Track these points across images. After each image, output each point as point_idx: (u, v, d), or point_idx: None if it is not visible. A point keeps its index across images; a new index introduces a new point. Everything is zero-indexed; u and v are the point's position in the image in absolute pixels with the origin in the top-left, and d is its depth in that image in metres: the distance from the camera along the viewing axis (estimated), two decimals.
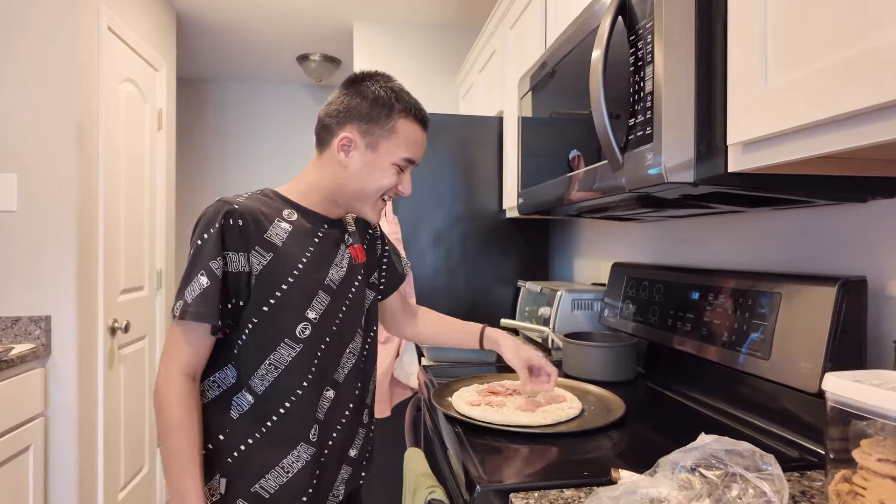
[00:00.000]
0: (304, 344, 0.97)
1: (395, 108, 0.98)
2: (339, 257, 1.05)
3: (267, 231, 0.95)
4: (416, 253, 2.07)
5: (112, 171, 2.21)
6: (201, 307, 0.88)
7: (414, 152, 1.01)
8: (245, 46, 3.55)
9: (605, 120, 0.96)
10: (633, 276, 1.53)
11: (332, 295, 1.01)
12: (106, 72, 2.14)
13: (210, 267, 0.89)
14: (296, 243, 0.98)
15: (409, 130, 1.00)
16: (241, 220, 0.92)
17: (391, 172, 1.00)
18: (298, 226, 1.00)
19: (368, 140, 0.98)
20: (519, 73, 1.90)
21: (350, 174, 1.00)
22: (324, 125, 1.01)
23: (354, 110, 0.98)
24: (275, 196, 1.02)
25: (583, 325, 1.68)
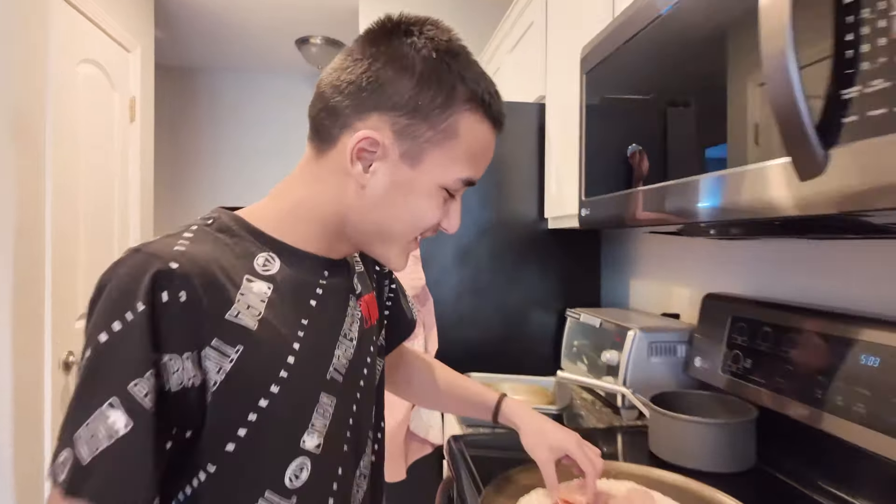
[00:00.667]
0: (301, 495, 0.56)
1: (456, 94, 0.57)
2: (347, 323, 0.65)
3: (233, 303, 0.53)
4: (435, 272, 1.66)
5: (66, 171, 1.81)
6: (116, 478, 0.46)
7: (477, 167, 0.61)
8: (238, 30, 3.15)
9: (796, 88, 0.55)
10: (742, 315, 1.11)
11: (339, 395, 0.61)
12: (58, 49, 1.74)
13: (131, 394, 0.46)
14: (281, 317, 0.57)
15: (478, 132, 0.59)
16: (184, 293, 0.49)
17: (436, 201, 0.60)
18: (283, 282, 0.59)
19: (408, 146, 0.57)
20: (569, 48, 1.48)
21: (369, 200, 0.59)
22: (328, 107, 0.59)
23: (388, 89, 0.56)
24: (239, 229, 0.59)
25: (664, 377, 1.27)
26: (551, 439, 0.80)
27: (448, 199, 0.61)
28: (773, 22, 0.56)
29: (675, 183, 0.85)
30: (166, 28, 3.13)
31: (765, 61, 0.57)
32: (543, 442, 0.80)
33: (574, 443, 0.79)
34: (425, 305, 1.60)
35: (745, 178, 0.68)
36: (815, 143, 0.55)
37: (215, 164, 3.87)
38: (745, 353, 1.08)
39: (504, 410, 0.87)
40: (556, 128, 1.58)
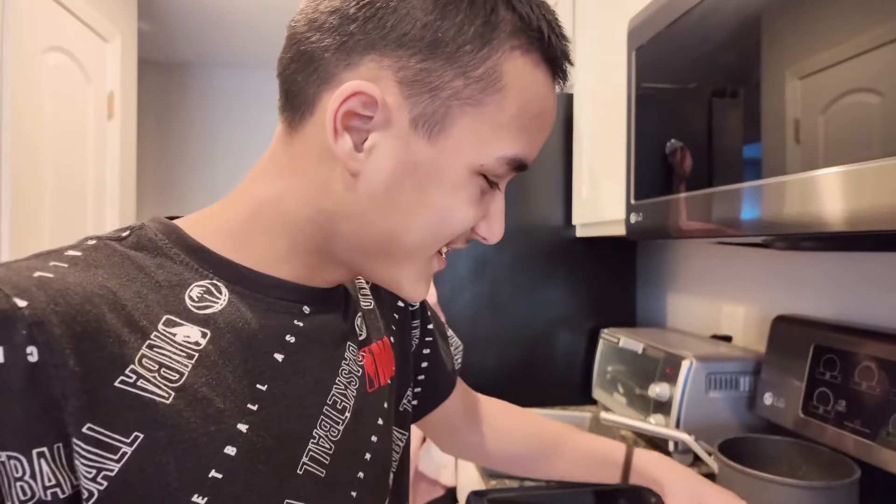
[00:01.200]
0: None
1: (499, 22, 0.37)
2: (339, 387, 0.44)
3: (129, 365, 0.34)
4: (451, 286, 1.46)
5: (27, 170, 1.61)
6: None
7: (533, 141, 0.41)
8: (230, 22, 2.96)
9: None
10: (831, 345, 0.91)
11: (318, 497, 0.40)
12: (16, 33, 1.54)
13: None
14: (221, 381, 0.37)
15: (532, 84, 0.39)
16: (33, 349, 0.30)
17: (469, 194, 0.40)
18: (231, 325, 0.39)
19: (425, 105, 0.37)
20: (605, 26, 1.28)
21: (365, 194, 0.39)
22: (302, 53, 0.39)
23: (391, 16, 0.36)
24: (170, 245, 0.40)
25: (724, 416, 1.07)
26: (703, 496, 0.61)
27: (487, 192, 0.42)
28: None
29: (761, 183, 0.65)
30: (153, 20, 2.93)
31: None
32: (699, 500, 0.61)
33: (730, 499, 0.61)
34: None
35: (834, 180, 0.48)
36: None
37: (207, 164, 3.66)
38: (838, 393, 0.87)
39: (638, 465, 0.67)
40: (589, 121, 1.38)
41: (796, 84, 0.61)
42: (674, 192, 0.87)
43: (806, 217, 0.59)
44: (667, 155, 0.91)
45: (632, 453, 0.67)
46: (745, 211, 0.70)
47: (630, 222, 0.99)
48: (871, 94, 0.52)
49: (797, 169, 0.60)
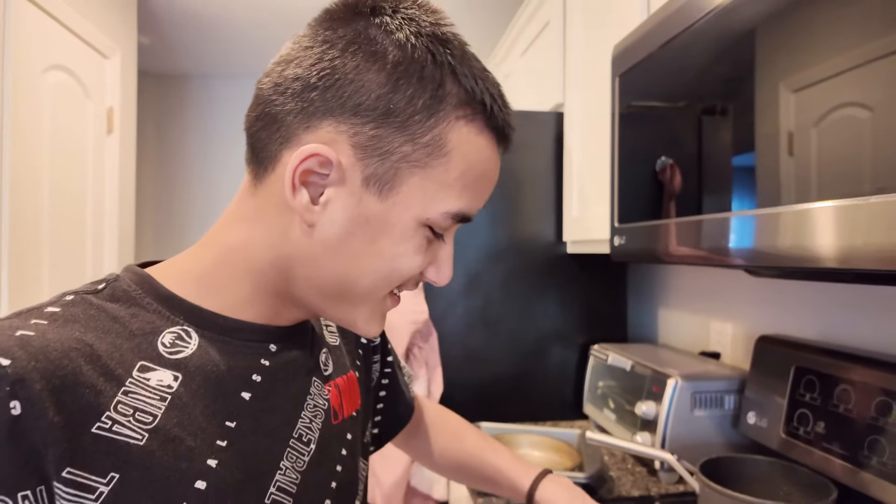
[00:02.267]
0: None
1: (446, 94, 0.41)
2: (305, 420, 0.46)
3: (105, 412, 0.36)
4: (442, 302, 1.47)
5: (26, 187, 1.63)
6: None
7: (475, 199, 0.44)
8: (229, 35, 2.99)
9: None
10: (811, 367, 0.92)
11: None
12: (18, 53, 1.56)
13: None
14: (191, 422, 0.39)
15: (475, 149, 0.43)
16: (16, 403, 0.33)
17: (417, 243, 0.43)
18: (201, 368, 0.41)
19: (376, 166, 0.41)
20: (593, 48, 1.30)
21: (321, 243, 0.42)
22: (267, 114, 0.42)
23: (347, 86, 0.40)
24: (143, 295, 0.42)
25: (709, 435, 1.08)
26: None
27: (433, 241, 0.44)
28: None
29: (752, 214, 0.66)
30: (152, 33, 2.97)
31: None
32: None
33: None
34: (428, 341, 1.41)
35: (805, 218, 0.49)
36: None
37: (207, 178, 3.69)
38: (817, 415, 0.89)
39: (541, 495, 0.69)
40: (578, 140, 1.40)
41: (790, 98, 0.62)
42: (659, 217, 0.89)
43: (797, 251, 0.59)
44: (657, 172, 0.93)
45: (540, 481, 0.69)
46: (733, 240, 0.71)
47: (614, 245, 1.01)
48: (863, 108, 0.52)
49: (791, 200, 0.60)
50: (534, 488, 0.69)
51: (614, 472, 1.14)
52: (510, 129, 0.45)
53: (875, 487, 0.76)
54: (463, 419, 0.79)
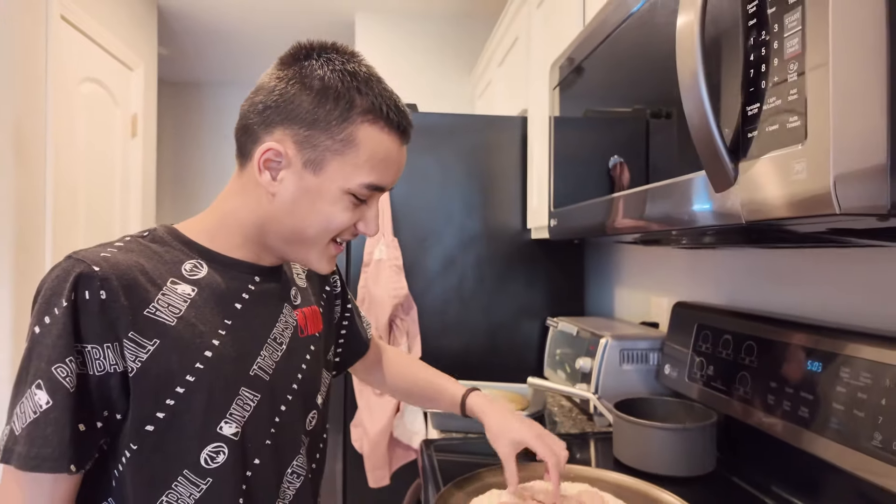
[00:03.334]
0: (216, 476, 0.61)
1: (354, 106, 0.62)
2: (278, 328, 0.69)
3: (151, 303, 0.59)
4: (421, 282, 1.70)
5: (66, 185, 1.89)
6: (36, 445, 0.54)
7: (382, 174, 0.65)
8: (240, 45, 3.24)
9: (707, 107, 0.58)
10: (707, 323, 1.14)
11: (263, 392, 0.65)
12: (58, 68, 1.82)
13: (53, 375, 0.54)
14: (203, 317, 0.62)
15: (377, 142, 0.63)
16: (103, 292, 0.56)
17: (343, 205, 0.64)
18: (209, 286, 0.64)
19: (309, 154, 0.62)
20: (549, 61, 1.52)
21: (280, 206, 0.64)
22: (245, 125, 0.65)
23: (289, 105, 0.62)
24: (171, 239, 0.66)
25: (635, 384, 1.29)
26: (513, 433, 0.83)
27: (359, 204, 0.65)
28: (686, 43, 0.59)
29: (609, 198, 0.88)
30: (170, 45, 3.23)
31: (680, 81, 0.60)
32: (505, 435, 0.83)
33: (533, 435, 0.82)
34: (409, 314, 1.64)
35: (673, 190, 0.71)
36: (725, 157, 0.58)
37: (219, 174, 3.95)
38: (709, 361, 1.10)
39: (469, 404, 0.91)
40: (538, 140, 1.61)
41: None
42: (573, 203, 1.10)
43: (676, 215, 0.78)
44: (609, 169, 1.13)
45: (468, 395, 0.91)
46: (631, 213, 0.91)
47: (550, 226, 1.22)
48: None
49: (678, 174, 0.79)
50: (465, 398, 0.91)
51: (559, 417, 1.35)
52: (407, 127, 0.66)
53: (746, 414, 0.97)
54: (415, 358, 1.02)
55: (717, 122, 0.58)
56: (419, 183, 1.70)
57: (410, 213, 1.70)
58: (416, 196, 1.70)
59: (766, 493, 0.93)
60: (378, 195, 0.67)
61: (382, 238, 1.63)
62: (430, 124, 1.71)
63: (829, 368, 0.82)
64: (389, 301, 1.57)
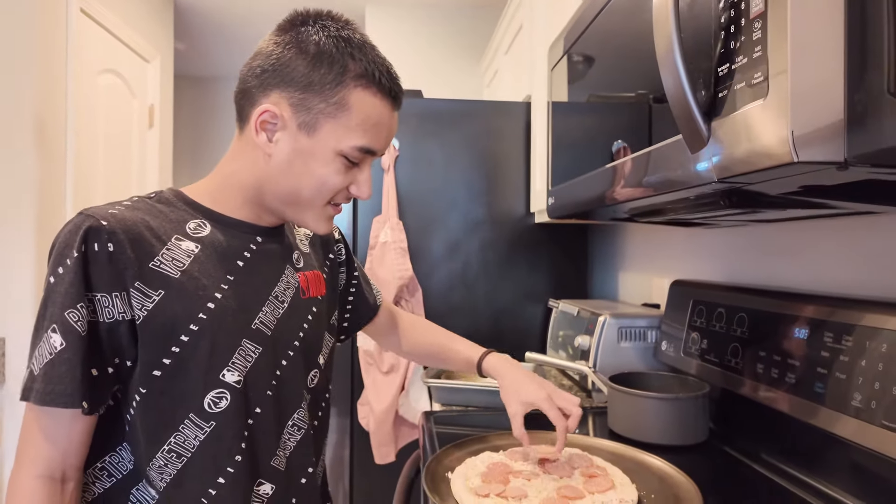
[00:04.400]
0: (219, 420, 0.65)
1: (347, 70, 0.65)
2: (280, 287, 0.73)
3: (156, 256, 0.63)
4: (426, 265, 1.73)
5: (85, 173, 1.96)
6: (51, 382, 0.59)
7: (373, 138, 0.67)
8: (255, 39, 3.30)
9: (680, 70, 0.60)
10: (701, 298, 1.15)
11: (265, 345, 0.69)
12: (77, 59, 1.88)
13: (66, 319, 0.59)
14: (205, 271, 0.66)
15: (369, 106, 0.66)
16: (111, 244, 0.60)
17: (336, 167, 0.67)
18: (211, 243, 0.68)
19: (304, 117, 0.65)
20: (547, 47, 1.54)
21: (276, 167, 0.67)
22: (243, 89, 0.68)
23: (285, 69, 0.65)
24: (176, 200, 0.70)
25: (633, 361, 1.31)
26: (524, 393, 0.85)
27: (352, 168, 0.68)
28: (661, 11, 0.61)
29: (602, 170, 0.91)
30: (187, 40, 3.30)
31: (656, 45, 0.62)
32: (516, 395, 0.86)
33: (544, 397, 0.84)
34: (414, 296, 1.67)
35: (655, 156, 0.74)
36: (698, 117, 0.61)
37: None
38: (703, 335, 1.12)
39: (486, 365, 0.94)
40: (541, 124, 1.64)
41: None
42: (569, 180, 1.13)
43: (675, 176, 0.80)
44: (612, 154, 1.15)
45: (485, 356, 0.94)
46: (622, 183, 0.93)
47: (549, 204, 1.25)
48: None
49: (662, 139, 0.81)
50: (481, 360, 0.94)
51: None
52: (398, 93, 0.69)
53: (736, 383, 0.99)
54: (431, 322, 1.05)
55: (690, 84, 0.60)
56: (424, 168, 1.74)
57: (416, 198, 1.73)
58: (422, 181, 1.74)
59: (756, 461, 0.95)
60: (370, 159, 0.70)
61: (388, 221, 1.67)
62: (436, 110, 1.74)
63: (829, 339, 0.83)
64: (394, 282, 1.60)
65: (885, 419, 0.69)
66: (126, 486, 0.65)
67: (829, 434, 0.78)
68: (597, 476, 0.81)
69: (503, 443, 0.97)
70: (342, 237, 0.94)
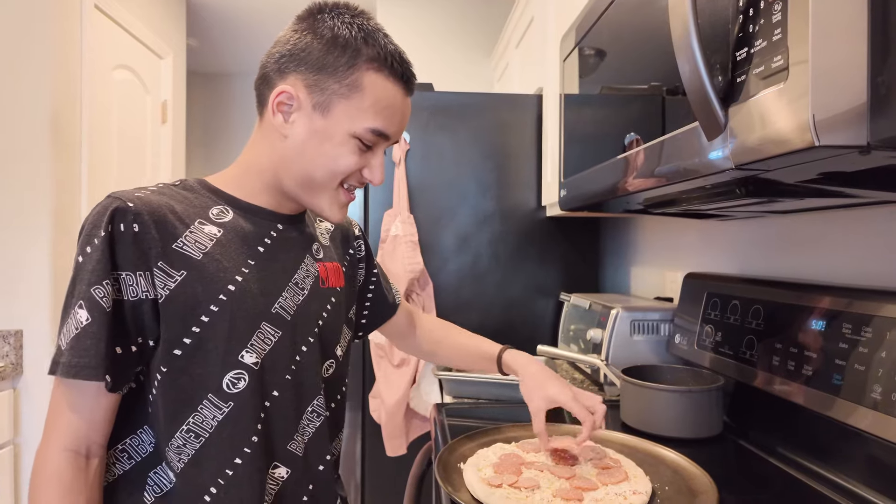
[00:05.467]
0: (237, 401, 0.66)
1: (360, 54, 0.66)
2: (300, 274, 0.74)
3: (179, 238, 0.64)
4: (437, 259, 1.73)
5: (99, 167, 1.97)
6: (77, 355, 0.60)
7: (386, 121, 0.69)
8: (267, 36, 3.31)
9: (697, 56, 0.59)
10: (715, 291, 1.14)
11: (284, 329, 0.70)
12: (92, 56, 1.90)
13: (92, 295, 0.60)
14: (227, 254, 0.67)
15: (381, 88, 0.68)
16: (136, 225, 0.62)
17: (349, 149, 0.68)
18: (233, 228, 0.69)
19: (318, 98, 0.67)
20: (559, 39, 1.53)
21: (291, 148, 0.68)
22: (263, 74, 0.70)
23: (302, 53, 0.67)
24: (200, 188, 0.72)
25: (646, 355, 1.30)
26: (548, 390, 0.85)
27: (365, 151, 0.69)
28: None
29: (615, 161, 0.90)
30: (200, 36, 3.32)
31: (672, 32, 0.61)
32: (539, 391, 0.86)
33: (569, 396, 0.84)
34: (425, 290, 1.67)
35: (670, 144, 0.73)
36: (715, 103, 0.60)
37: None
38: (717, 327, 1.11)
39: (506, 360, 0.94)
40: (553, 116, 1.63)
41: None
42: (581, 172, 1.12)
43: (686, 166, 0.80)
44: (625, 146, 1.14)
45: (504, 352, 0.94)
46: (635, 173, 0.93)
47: (561, 196, 1.24)
48: None
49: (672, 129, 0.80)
50: (500, 354, 0.94)
51: None
52: (410, 75, 0.70)
53: (751, 376, 0.98)
54: (448, 322, 1.05)
55: (707, 70, 0.59)
56: (435, 161, 1.74)
57: (426, 191, 1.73)
58: (432, 174, 1.73)
59: (771, 454, 0.94)
60: (383, 144, 0.71)
61: (399, 215, 1.67)
62: (447, 103, 1.74)
63: (848, 331, 0.82)
64: (405, 276, 1.61)
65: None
66: (145, 469, 0.66)
67: (845, 426, 0.77)
68: (610, 468, 0.81)
69: (515, 434, 0.96)
70: (362, 234, 0.94)
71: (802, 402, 0.84)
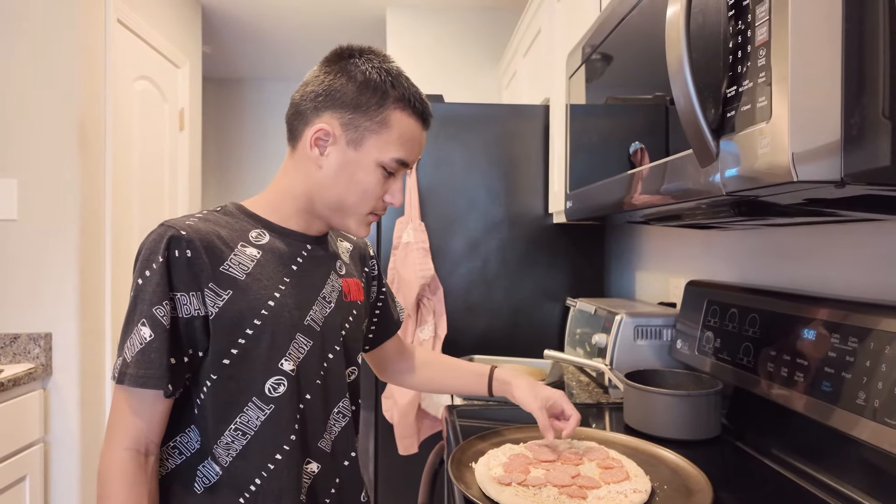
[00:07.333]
0: (277, 404, 0.74)
1: (389, 96, 0.76)
2: (327, 289, 0.82)
3: (225, 261, 0.73)
4: (447, 264, 1.79)
5: (122, 175, 2.05)
6: (143, 368, 0.69)
7: (408, 152, 0.78)
8: (279, 42, 3.38)
9: (691, 90, 0.65)
10: (715, 299, 1.19)
11: (315, 339, 0.79)
12: (115, 68, 1.97)
13: (154, 314, 0.69)
14: (266, 273, 0.76)
15: (405, 125, 0.77)
16: (189, 251, 0.70)
17: (376, 176, 0.77)
18: (270, 250, 0.78)
19: (352, 134, 0.75)
20: (569, 50, 1.59)
21: (326, 176, 0.77)
22: (297, 111, 0.78)
23: (337, 94, 0.75)
24: (239, 213, 0.80)
25: (649, 359, 1.36)
26: (541, 392, 0.95)
27: (388, 178, 0.78)
28: (673, 32, 0.66)
29: (620, 177, 0.95)
30: (214, 43, 3.39)
31: (668, 66, 0.67)
32: (533, 394, 0.95)
33: (562, 394, 0.96)
34: (436, 294, 1.73)
35: (668, 167, 0.78)
36: (707, 135, 0.65)
37: (260, 168, 4.13)
38: (716, 334, 1.16)
39: (497, 378, 1.01)
40: (558, 127, 1.68)
41: None
42: (587, 184, 1.17)
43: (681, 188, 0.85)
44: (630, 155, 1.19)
45: (493, 371, 1.02)
46: (639, 190, 0.97)
47: (567, 207, 1.30)
48: None
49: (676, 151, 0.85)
50: (491, 373, 1.01)
51: (576, 391, 1.43)
52: (427, 114, 0.79)
53: (748, 381, 1.03)
54: (436, 351, 1.12)
55: (700, 103, 0.65)
56: (445, 170, 1.79)
57: (437, 199, 1.79)
58: (443, 183, 1.79)
59: (767, 456, 0.99)
60: (403, 170, 0.80)
61: (410, 222, 1.73)
62: (456, 114, 1.79)
63: (836, 340, 0.87)
64: (417, 281, 1.67)
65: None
66: (194, 463, 0.74)
67: (841, 433, 0.82)
68: (612, 467, 0.87)
69: (523, 436, 1.02)
70: (375, 255, 1.03)
71: (800, 409, 0.89)
